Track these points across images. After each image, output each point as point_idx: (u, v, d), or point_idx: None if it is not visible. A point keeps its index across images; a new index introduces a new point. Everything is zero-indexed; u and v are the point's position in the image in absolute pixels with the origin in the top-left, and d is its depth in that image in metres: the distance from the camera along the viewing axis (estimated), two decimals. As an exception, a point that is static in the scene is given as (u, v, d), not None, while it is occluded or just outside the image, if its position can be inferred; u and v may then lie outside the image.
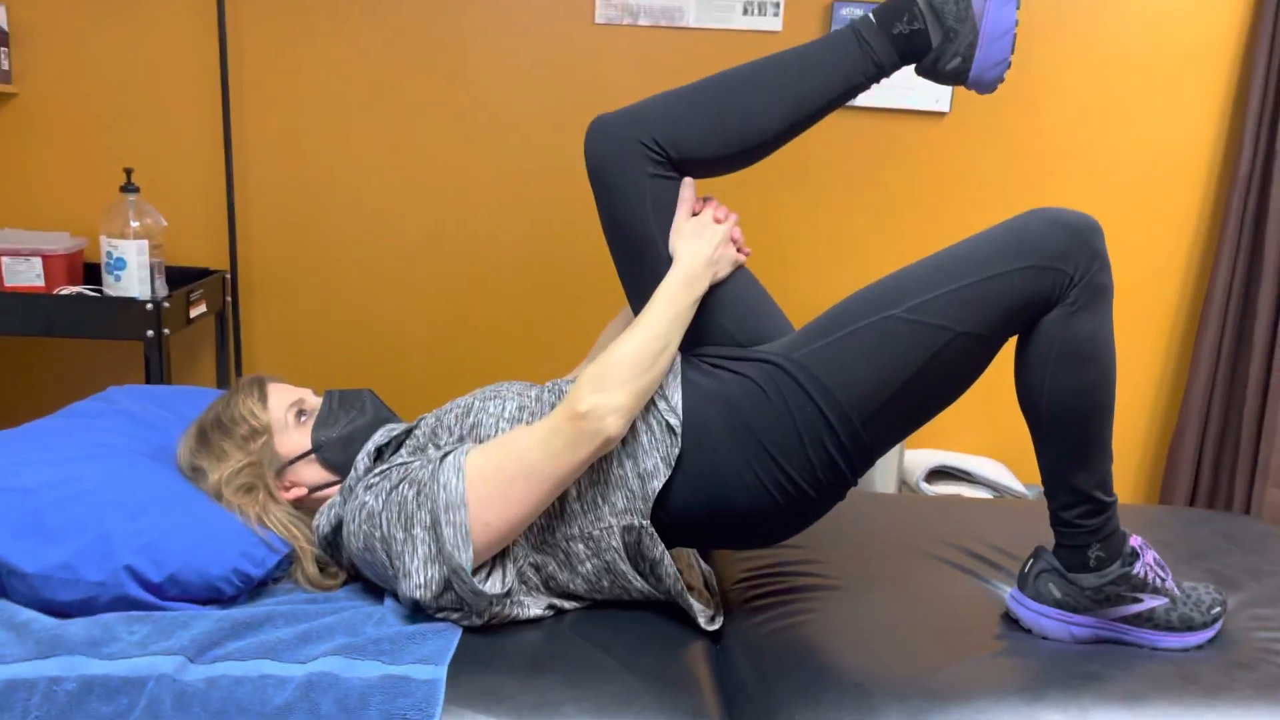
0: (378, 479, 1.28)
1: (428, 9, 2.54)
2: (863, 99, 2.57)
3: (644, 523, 1.28)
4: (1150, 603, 1.33)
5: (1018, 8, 1.35)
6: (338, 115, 2.60)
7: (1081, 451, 1.29)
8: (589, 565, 1.32)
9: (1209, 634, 1.34)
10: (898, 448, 2.49)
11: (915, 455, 2.62)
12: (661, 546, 1.29)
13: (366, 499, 1.26)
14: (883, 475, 2.49)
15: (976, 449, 2.77)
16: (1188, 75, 2.59)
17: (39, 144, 2.59)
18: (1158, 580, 1.33)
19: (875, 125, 2.61)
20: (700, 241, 1.34)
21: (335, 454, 1.39)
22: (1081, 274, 1.24)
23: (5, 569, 1.20)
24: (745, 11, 2.56)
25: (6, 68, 2.51)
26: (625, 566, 1.31)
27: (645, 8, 2.55)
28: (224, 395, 1.42)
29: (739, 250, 1.40)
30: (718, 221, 1.37)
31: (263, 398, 1.40)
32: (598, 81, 2.59)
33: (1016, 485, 2.49)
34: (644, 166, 1.35)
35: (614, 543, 1.30)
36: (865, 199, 2.66)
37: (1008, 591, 1.48)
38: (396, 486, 1.24)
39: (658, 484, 1.27)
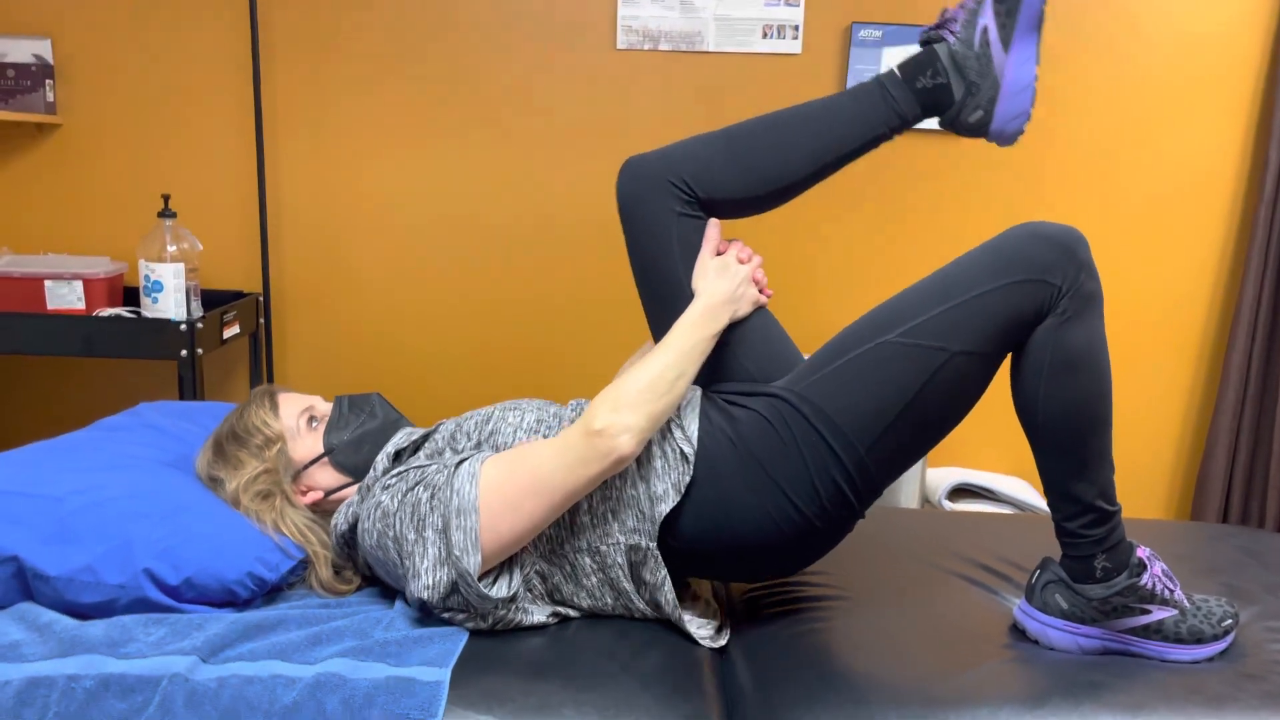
0: (395, 480, 1.32)
1: (454, 38, 2.61)
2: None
3: (650, 545, 1.31)
4: (1159, 614, 1.32)
5: (1037, 63, 1.38)
6: (367, 142, 2.67)
7: (1081, 461, 1.29)
8: (594, 579, 1.34)
9: (1219, 647, 1.33)
10: (920, 465, 2.49)
11: (938, 473, 2.61)
12: (664, 572, 1.32)
13: (382, 498, 1.30)
14: (906, 493, 2.49)
15: (999, 467, 2.75)
16: (1212, 93, 2.58)
17: (82, 172, 2.69)
18: (1166, 591, 1.32)
19: (895, 145, 2.63)
20: (722, 280, 1.39)
21: (347, 456, 1.43)
22: (1069, 284, 1.25)
23: (31, 572, 1.25)
24: (765, 35, 2.59)
25: (52, 100, 2.61)
26: (628, 585, 1.34)
27: (665, 33, 2.60)
28: (237, 408, 1.47)
29: (761, 291, 1.44)
30: (741, 262, 1.42)
31: (274, 407, 1.45)
32: (620, 105, 2.64)
33: (1039, 503, 2.47)
34: (672, 205, 1.41)
35: (619, 559, 1.33)
36: (883, 217, 2.68)
37: (1016, 604, 1.48)
38: (412, 488, 1.28)
39: (666, 508, 1.30)
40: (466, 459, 1.28)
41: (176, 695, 1.11)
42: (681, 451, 1.32)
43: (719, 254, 1.42)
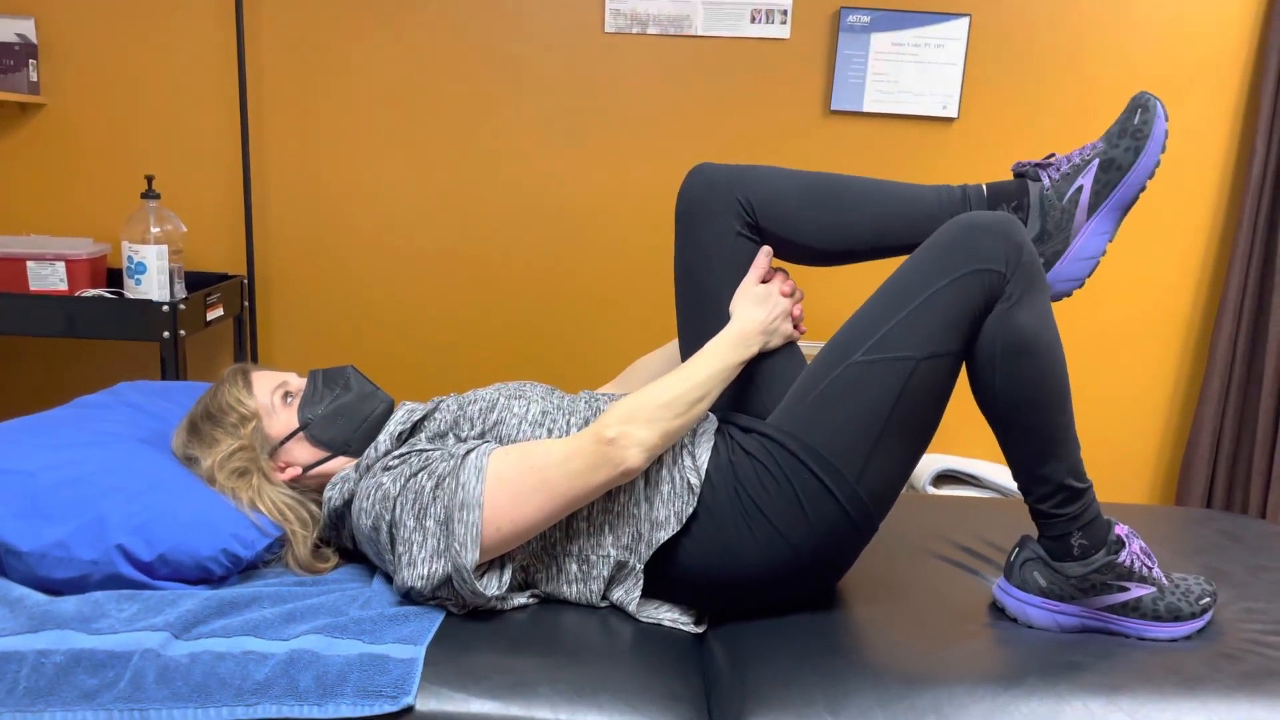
0: (397, 462, 1.31)
1: (441, 18, 2.60)
2: (872, 103, 2.58)
3: (639, 565, 1.31)
4: (1137, 591, 1.32)
5: (1111, 240, 1.40)
6: (353, 124, 2.65)
7: (1047, 441, 1.29)
8: (573, 587, 1.34)
9: (1197, 625, 1.33)
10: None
11: (922, 459, 2.61)
12: (638, 593, 1.32)
13: (384, 480, 1.29)
14: (890, 479, 2.48)
15: (983, 453, 2.75)
16: (1199, 82, 2.58)
17: (65, 153, 2.67)
18: (1144, 569, 1.32)
19: (885, 130, 2.62)
20: (762, 308, 1.40)
21: (323, 430, 1.42)
22: (1011, 267, 1.26)
23: (3, 547, 1.24)
24: (753, 20, 2.58)
25: (35, 79, 2.59)
26: (596, 598, 1.34)
27: (654, 16, 2.58)
28: (210, 388, 1.46)
29: (795, 326, 1.45)
30: (783, 294, 1.43)
31: (247, 385, 1.43)
32: (608, 89, 2.63)
33: (1026, 490, 2.47)
34: (732, 222, 1.42)
35: (604, 573, 1.33)
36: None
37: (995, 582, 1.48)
38: (415, 474, 1.27)
39: (664, 535, 1.30)
40: (473, 450, 1.27)
41: (148, 670, 1.10)
42: (689, 482, 1.32)
43: (764, 281, 1.43)
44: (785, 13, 2.57)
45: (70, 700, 1.09)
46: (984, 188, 1.42)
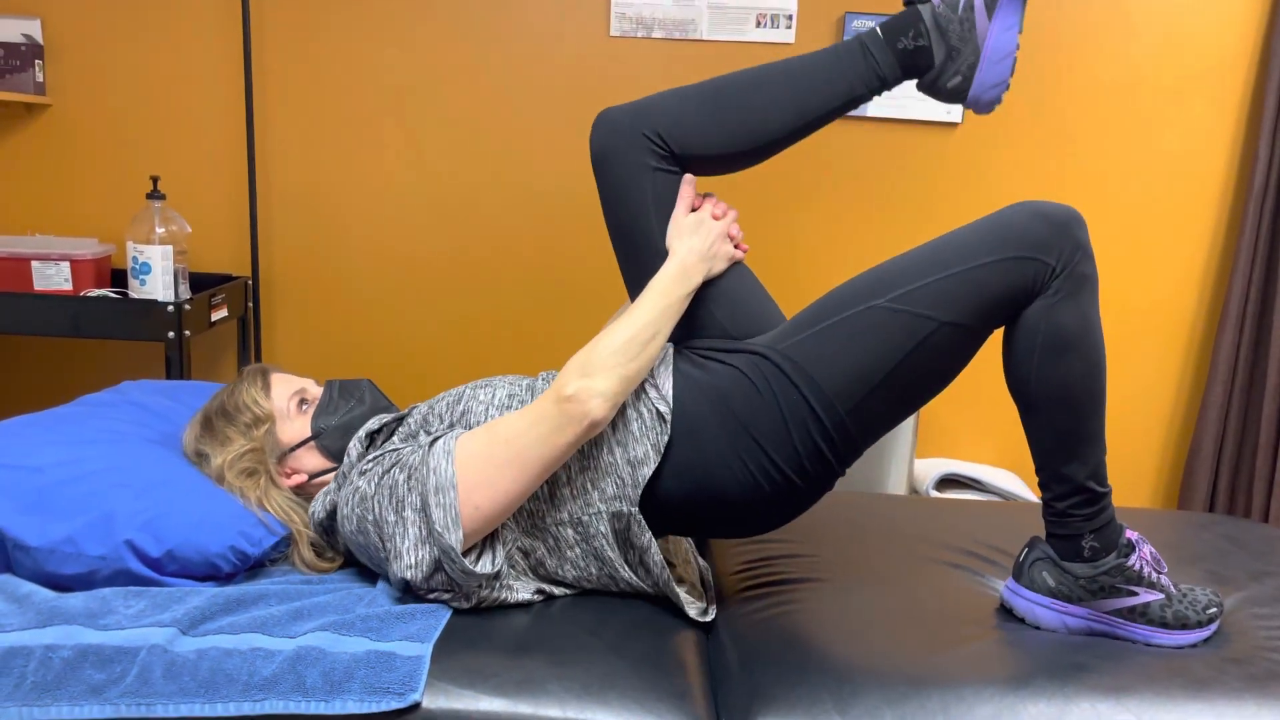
0: (371, 464, 1.31)
1: (446, 21, 2.60)
2: (876, 109, 2.59)
3: (633, 509, 1.30)
4: (1145, 597, 1.32)
5: (1020, 32, 1.37)
6: (358, 126, 2.66)
7: (1073, 441, 1.29)
8: (577, 550, 1.33)
9: (1204, 634, 1.33)
10: (908, 455, 2.49)
11: (925, 464, 2.61)
12: (649, 535, 1.31)
13: (359, 483, 1.29)
14: (894, 483, 2.48)
15: (987, 459, 2.75)
16: (1203, 86, 2.58)
17: (70, 153, 2.67)
18: (1153, 574, 1.32)
19: (888, 136, 2.63)
20: (696, 237, 1.36)
21: (334, 441, 1.42)
22: (1064, 264, 1.25)
23: (11, 543, 1.24)
24: (758, 24, 2.59)
25: (41, 80, 2.59)
26: (613, 554, 1.32)
27: (659, 20, 2.59)
28: (228, 385, 1.46)
29: (736, 246, 1.42)
30: (715, 218, 1.39)
31: (266, 387, 1.44)
32: (613, 93, 2.63)
33: (1027, 495, 2.47)
34: (646, 159, 1.37)
35: (602, 528, 1.32)
36: (877, 209, 2.68)
37: (1002, 584, 1.48)
38: (389, 471, 1.27)
39: (647, 471, 1.29)
40: (440, 437, 1.27)
41: (155, 666, 1.10)
42: (658, 411, 1.31)
43: (693, 210, 1.39)
44: (790, 17, 2.58)
45: (78, 695, 1.08)
46: (879, 30, 1.38)
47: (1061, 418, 1.28)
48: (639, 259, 1.40)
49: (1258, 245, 2.52)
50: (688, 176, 1.40)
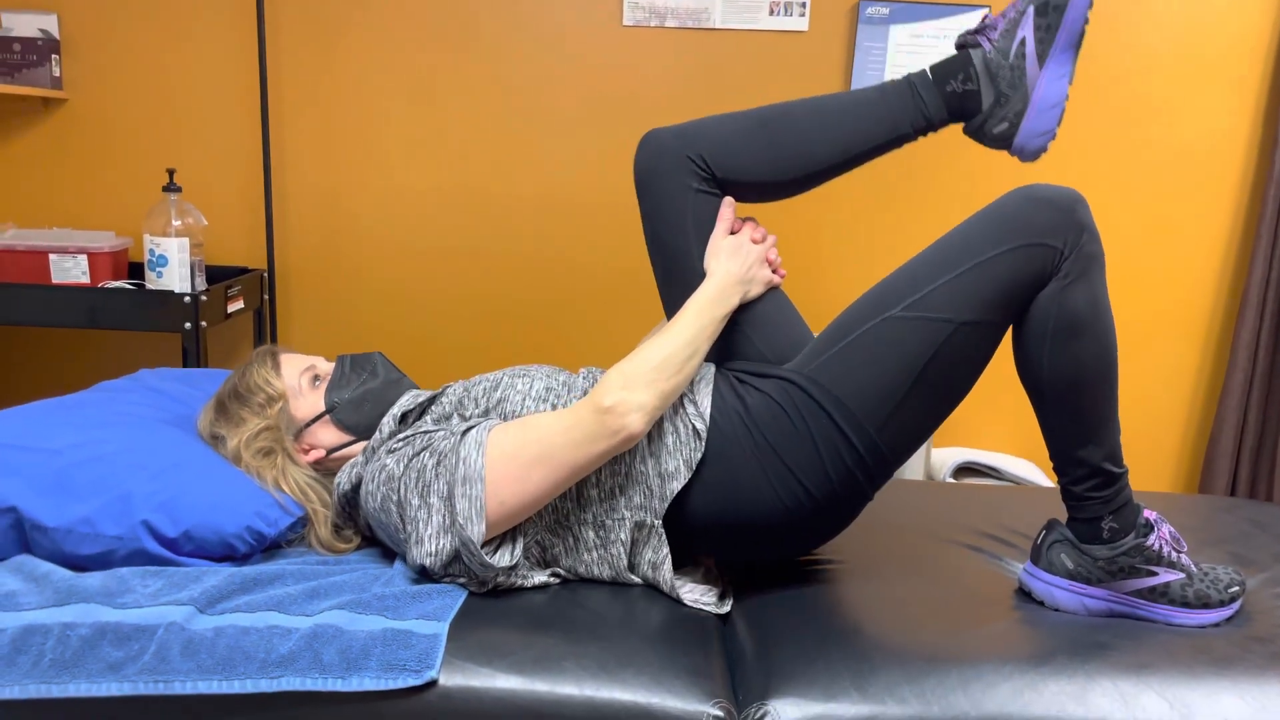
0: (400, 444, 1.31)
1: (462, 11, 2.60)
2: (889, 96, 2.57)
3: (656, 522, 1.30)
4: (1165, 576, 1.30)
5: (1070, 82, 1.36)
6: (373, 117, 2.66)
7: (1088, 424, 1.28)
8: (594, 554, 1.33)
9: (1226, 613, 1.32)
10: (925, 444, 2.48)
11: (943, 453, 2.60)
12: (666, 550, 1.31)
13: (388, 462, 1.29)
14: (911, 471, 2.47)
15: (1004, 447, 2.73)
16: (1220, 73, 2.56)
17: (87, 147, 2.68)
18: (1173, 554, 1.31)
19: (903, 123, 2.61)
20: (735, 260, 1.37)
21: (349, 415, 1.42)
22: (1070, 246, 1.24)
23: (29, 523, 1.24)
24: (771, 12, 2.58)
25: (58, 74, 2.61)
26: (624, 564, 1.33)
27: (672, 9, 2.59)
28: (239, 368, 1.46)
29: (774, 272, 1.43)
30: (755, 242, 1.40)
31: (276, 366, 1.44)
32: (626, 82, 2.63)
33: (1045, 483, 2.46)
34: (688, 181, 1.39)
35: (623, 535, 1.32)
36: (893, 200, 2.66)
37: (1020, 567, 1.46)
38: (418, 454, 1.27)
39: (677, 485, 1.29)
40: (474, 426, 1.27)
41: (173, 644, 1.10)
42: (694, 427, 1.31)
43: (732, 233, 1.41)
44: (804, 5, 2.57)
45: (95, 672, 1.09)
46: (928, 70, 1.38)
47: (1076, 401, 1.27)
48: (677, 277, 1.42)
49: (1278, 232, 2.50)
50: (728, 199, 1.42)
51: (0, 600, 1.15)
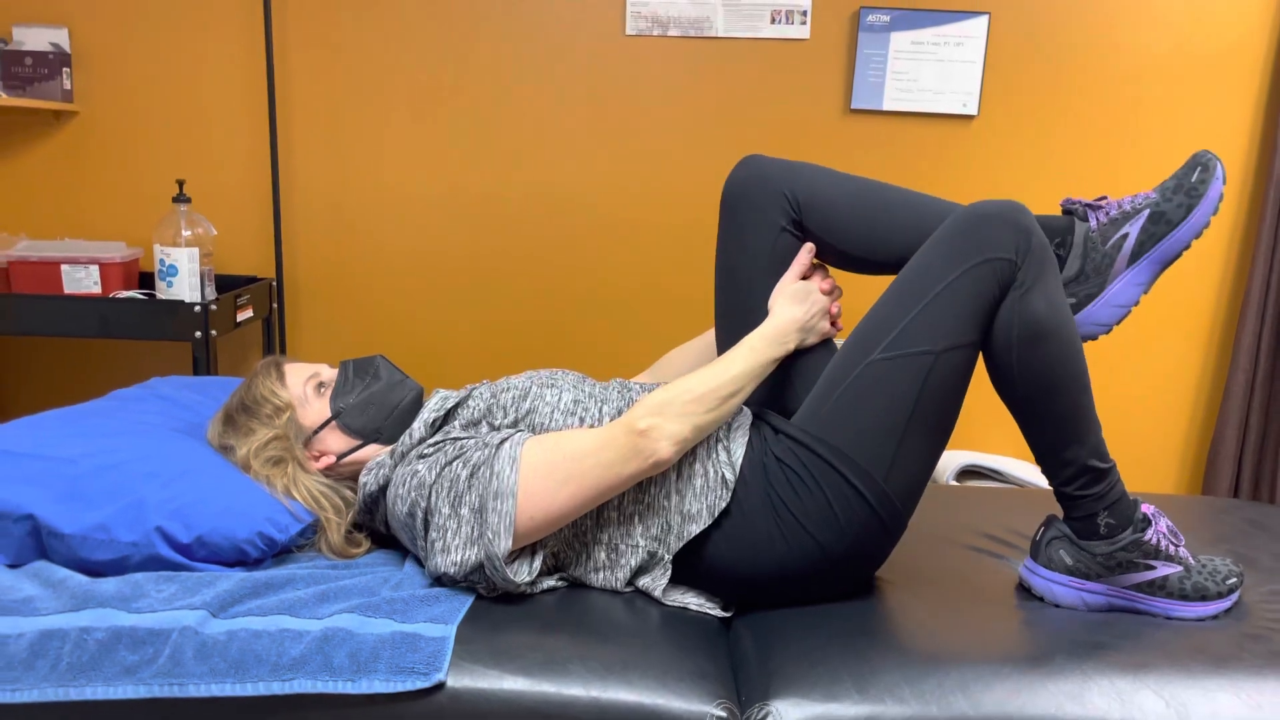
0: (432, 450, 1.33)
1: (465, 23, 2.63)
2: (892, 102, 2.60)
3: (668, 556, 1.32)
4: (1163, 570, 1.32)
5: (1145, 293, 1.40)
6: (379, 128, 2.69)
7: (1067, 424, 1.30)
8: (600, 575, 1.35)
9: (1224, 604, 1.33)
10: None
11: (945, 456, 2.61)
12: (665, 582, 1.33)
13: (419, 467, 1.31)
14: (914, 475, 2.49)
15: (1006, 449, 2.75)
16: (1221, 73, 2.57)
17: (98, 159, 2.72)
18: (1170, 547, 1.33)
19: (904, 128, 2.64)
20: (800, 306, 1.40)
21: (355, 419, 1.45)
22: (1022, 254, 1.26)
23: (46, 530, 1.27)
24: (773, 20, 2.60)
25: (69, 87, 2.64)
26: (621, 585, 1.35)
27: (674, 18, 2.61)
28: (245, 380, 1.48)
29: (832, 324, 1.46)
30: (823, 292, 1.43)
31: (280, 376, 1.46)
32: (629, 90, 2.65)
33: (1047, 484, 2.47)
34: (777, 216, 1.43)
35: (632, 562, 1.34)
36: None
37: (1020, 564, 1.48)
38: (450, 463, 1.29)
39: (696, 529, 1.31)
40: (507, 440, 1.29)
41: (186, 647, 1.13)
42: (723, 476, 1.32)
43: (804, 279, 1.44)
44: (805, 13, 2.59)
45: (112, 675, 1.11)
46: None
47: (1052, 403, 1.29)
48: (738, 305, 1.45)
49: (1278, 233, 2.51)
50: (809, 245, 1.45)
51: (18, 605, 1.17)
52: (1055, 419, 1.29)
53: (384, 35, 2.65)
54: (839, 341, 1.48)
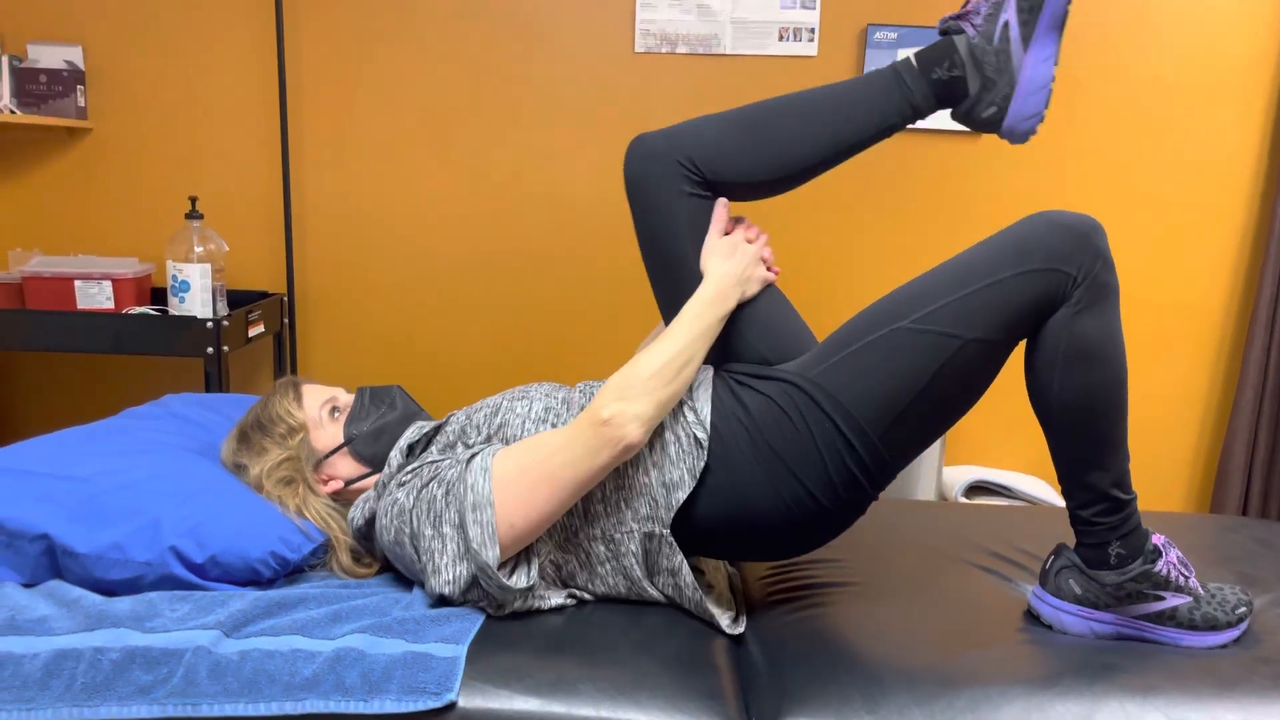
0: (410, 476, 1.34)
1: (474, 42, 2.65)
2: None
3: (664, 531, 1.32)
4: (1173, 601, 1.32)
5: (1055, 64, 1.36)
6: (390, 147, 2.71)
7: (1096, 450, 1.29)
8: (607, 567, 1.35)
9: (1233, 634, 1.33)
10: (937, 463, 2.49)
11: (954, 471, 2.61)
12: (680, 556, 1.33)
13: (398, 495, 1.32)
14: (923, 490, 2.49)
15: (1016, 465, 2.75)
16: (1227, 89, 2.58)
17: (111, 175, 2.74)
18: (1180, 578, 1.32)
19: (912, 144, 2.64)
20: (731, 261, 1.38)
21: (367, 447, 1.45)
22: (1084, 274, 1.25)
23: (61, 550, 1.28)
24: (781, 37, 2.62)
25: (83, 104, 2.67)
26: (640, 573, 1.35)
27: (683, 36, 2.63)
28: (262, 398, 1.49)
29: (769, 269, 1.44)
30: (749, 242, 1.41)
31: (298, 397, 1.47)
32: (638, 108, 2.67)
33: (1056, 501, 2.47)
34: (680, 185, 1.39)
35: (633, 548, 1.34)
36: (901, 218, 2.69)
37: (1030, 588, 1.48)
38: (427, 484, 1.30)
39: (682, 495, 1.31)
40: (478, 453, 1.30)
41: (200, 667, 1.13)
42: (695, 436, 1.32)
43: (726, 234, 1.41)
44: (813, 30, 2.60)
45: (126, 695, 1.12)
46: (913, 59, 1.39)
47: (1084, 427, 1.28)
48: (674, 282, 1.43)
49: (1287, 249, 2.51)
50: (721, 200, 1.42)
51: (33, 625, 1.18)
52: (1085, 442, 1.29)
53: (396, 52, 2.67)
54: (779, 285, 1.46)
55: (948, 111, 1.44)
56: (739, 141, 1.39)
